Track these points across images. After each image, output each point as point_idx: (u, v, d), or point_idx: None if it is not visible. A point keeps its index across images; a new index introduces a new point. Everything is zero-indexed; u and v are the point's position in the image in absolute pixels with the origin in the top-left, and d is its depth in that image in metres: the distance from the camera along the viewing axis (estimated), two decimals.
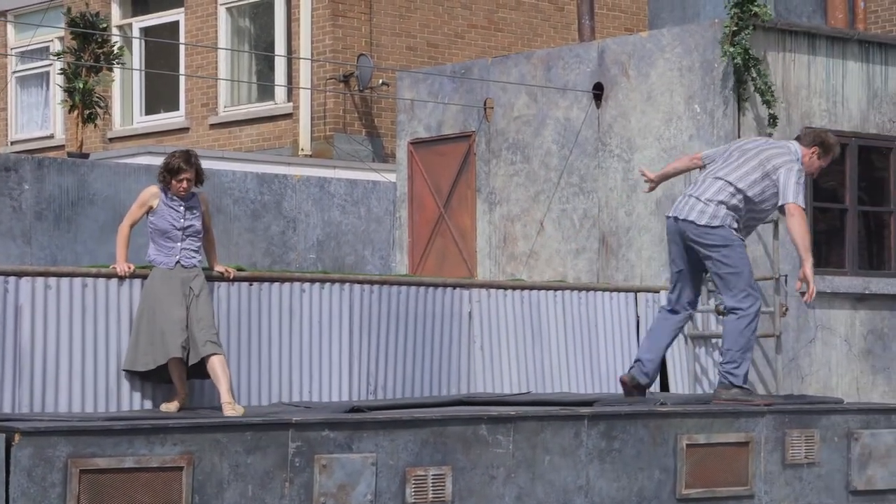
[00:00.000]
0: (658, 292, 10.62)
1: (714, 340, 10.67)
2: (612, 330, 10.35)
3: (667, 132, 11.23)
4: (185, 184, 8.37)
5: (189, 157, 8.45)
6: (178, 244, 8.38)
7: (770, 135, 10.77)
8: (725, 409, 8.09)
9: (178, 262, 8.37)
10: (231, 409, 7.87)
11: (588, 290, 10.36)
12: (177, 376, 8.27)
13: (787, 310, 10.77)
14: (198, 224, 8.47)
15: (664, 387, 10.50)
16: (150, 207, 8.44)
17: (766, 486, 8.03)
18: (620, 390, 10.18)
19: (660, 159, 11.25)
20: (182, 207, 8.43)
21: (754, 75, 10.70)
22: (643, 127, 11.38)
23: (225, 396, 8.02)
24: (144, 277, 8.45)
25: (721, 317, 10.54)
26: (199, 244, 8.50)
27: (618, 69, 11.55)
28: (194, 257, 8.46)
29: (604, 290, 10.44)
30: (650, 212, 11.30)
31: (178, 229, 8.40)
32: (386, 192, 13.52)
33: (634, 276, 11.31)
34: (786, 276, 10.94)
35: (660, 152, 11.26)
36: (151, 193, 8.46)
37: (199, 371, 8.27)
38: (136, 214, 8.49)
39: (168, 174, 8.40)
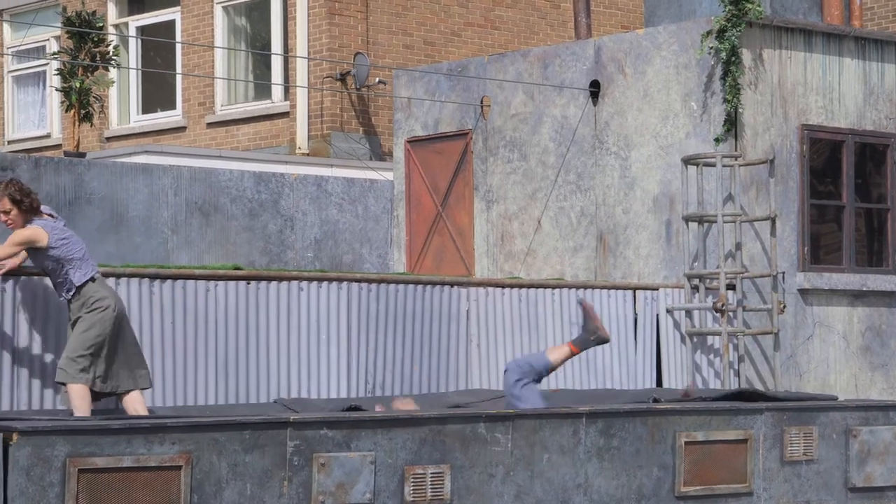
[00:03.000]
0: (657, 290, 10.63)
1: (710, 339, 10.67)
2: (609, 327, 10.33)
3: (663, 129, 11.23)
4: (1, 217, 7.88)
5: None
6: None
7: (718, 139, 10.78)
8: (724, 406, 8.09)
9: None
10: None
11: (586, 287, 10.36)
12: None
13: (784, 307, 10.77)
14: (34, 263, 7.94)
15: (659, 383, 10.50)
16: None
17: (764, 483, 8.03)
18: (617, 386, 10.18)
19: (657, 156, 11.25)
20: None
21: (734, 73, 10.71)
22: (640, 124, 11.38)
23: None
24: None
25: (718, 314, 10.56)
26: (58, 281, 7.93)
27: (614, 67, 11.55)
28: (61, 295, 7.98)
29: (601, 287, 10.44)
30: (647, 209, 11.30)
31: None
32: (383, 191, 13.51)
33: (632, 274, 11.31)
34: (783, 272, 10.95)
35: (657, 149, 11.26)
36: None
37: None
38: None
39: None
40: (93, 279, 7.95)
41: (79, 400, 7.81)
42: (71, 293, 7.92)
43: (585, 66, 11.73)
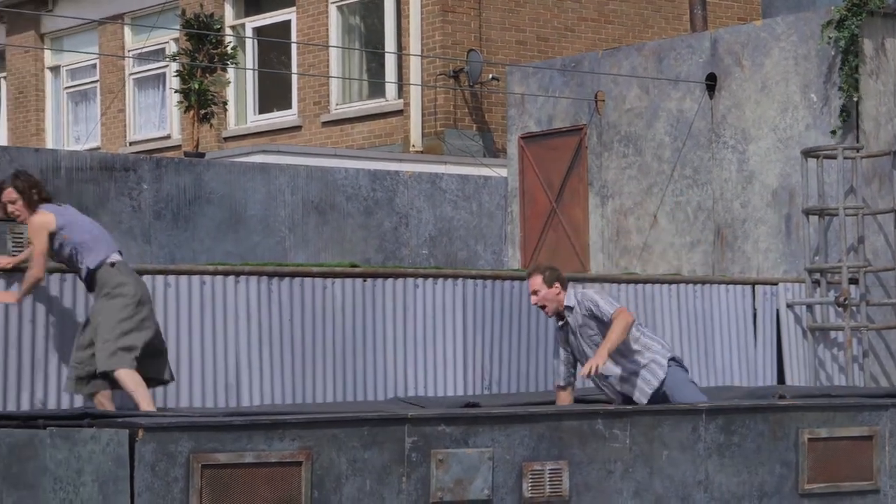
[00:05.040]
0: (776, 284, 10.47)
1: (833, 334, 10.48)
2: (728, 323, 10.22)
3: (782, 122, 11.06)
4: (8, 207, 7.78)
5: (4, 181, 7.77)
6: None
7: (834, 131, 10.55)
8: (847, 402, 7.95)
9: None
10: None
11: (704, 283, 10.24)
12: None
13: None
14: (55, 254, 7.76)
15: (780, 379, 10.34)
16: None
17: (891, 480, 7.86)
18: (737, 383, 10.04)
19: (775, 149, 11.08)
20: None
21: (854, 63, 10.48)
22: (758, 117, 11.22)
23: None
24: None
25: (841, 309, 10.36)
26: (77, 268, 7.75)
27: (731, 59, 11.40)
28: (83, 281, 7.83)
29: (720, 282, 10.31)
30: (766, 203, 11.14)
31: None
32: (497, 187, 13.51)
33: (751, 269, 11.16)
34: None
35: (775, 142, 11.08)
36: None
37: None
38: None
39: None
40: (112, 264, 7.74)
41: (132, 384, 7.59)
42: (87, 280, 7.77)
43: (701, 59, 11.59)
